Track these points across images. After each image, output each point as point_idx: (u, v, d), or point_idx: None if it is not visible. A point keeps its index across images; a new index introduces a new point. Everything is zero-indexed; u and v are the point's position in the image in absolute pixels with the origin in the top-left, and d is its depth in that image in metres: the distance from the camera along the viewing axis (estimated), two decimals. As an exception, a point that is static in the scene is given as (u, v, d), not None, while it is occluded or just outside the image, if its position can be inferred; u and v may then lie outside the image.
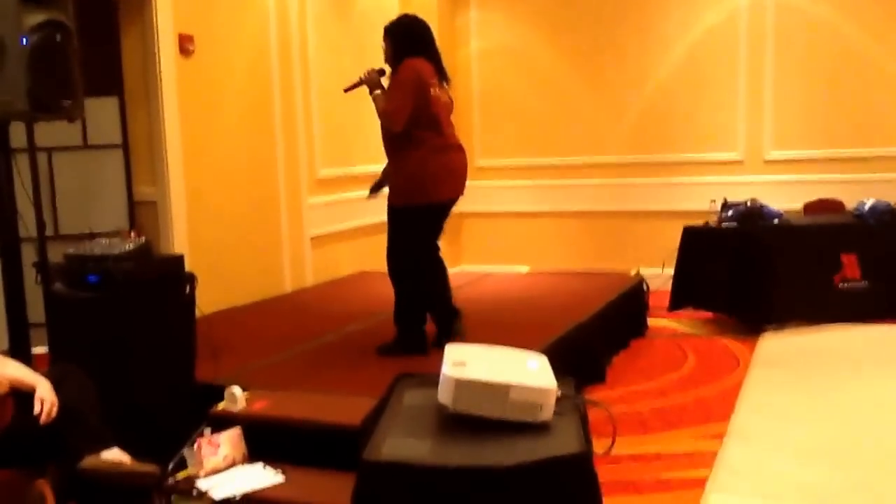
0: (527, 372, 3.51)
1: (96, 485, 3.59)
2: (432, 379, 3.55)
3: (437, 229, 5.76)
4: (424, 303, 5.71)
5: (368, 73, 5.74)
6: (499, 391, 3.30)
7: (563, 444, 3.18)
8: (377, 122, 5.76)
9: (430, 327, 5.74)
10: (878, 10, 8.87)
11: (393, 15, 9.40)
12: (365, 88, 5.74)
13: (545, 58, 10.08)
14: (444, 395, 3.35)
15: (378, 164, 9.15)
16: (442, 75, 5.73)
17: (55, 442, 3.60)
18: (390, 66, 5.69)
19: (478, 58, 10.36)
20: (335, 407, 4.47)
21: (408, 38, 5.69)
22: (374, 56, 9.20)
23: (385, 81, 5.69)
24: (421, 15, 6.93)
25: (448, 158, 5.67)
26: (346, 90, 5.93)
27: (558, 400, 3.42)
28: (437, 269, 5.73)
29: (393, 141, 5.67)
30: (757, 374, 6.36)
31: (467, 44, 10.37)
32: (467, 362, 3.46)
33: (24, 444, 3.55)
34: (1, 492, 3.52)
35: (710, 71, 9.46)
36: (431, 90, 5.54)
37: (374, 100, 5.65)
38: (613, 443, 3.67)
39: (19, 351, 4.56)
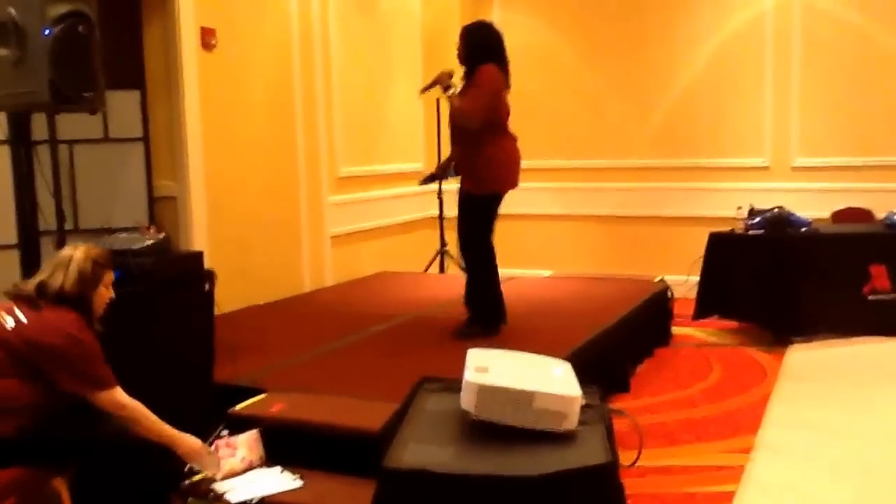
0: (551, 379, 3.49)
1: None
2: (455, 384, 3.54)
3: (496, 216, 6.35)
4: (495, 283, 6.37)
5: (441, 74, 6.29)
6: (522, 399, 3.28)
7: (588, 454, 3.16)
8: (400, 121, 6.27)
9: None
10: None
11: (416, 12, 9.53)
12: (438, 89, 6.36)
13: (569, 59, 10.05)
14: (466, 401, 3.33)
15: (400, 162, 9.23)
16: (507, 81, 6.26)
17: (72, 443, 3.61)
18: (462, 64, 6.25)
19: (501, 58, 10.35)
20: (355, 411, 4.46)
21: (484, 45, 6.22)
22: (397, 52, 9.26)
23: (456, 81, 6.26)
24: (444, 14, 7.20)
25: (512, 154, 6.32)
26: (422, 91, 6.69)
27: (583, 409, 3.40)
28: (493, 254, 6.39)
29: (466, 136, 6.21)
30: (785, 387, 6.29)
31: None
32: (490, 368, 3.44)
33: (41, 443, 3.56)
34: (17, 490, 3.52)
35: (736, 74, 9.39)
36: (504, 96, 6.21)
37: (449, 99, 6.24)
38: (640, 455, 3.64)
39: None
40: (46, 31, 4.42)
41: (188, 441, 3.94)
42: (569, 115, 10.04)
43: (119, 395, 3.73)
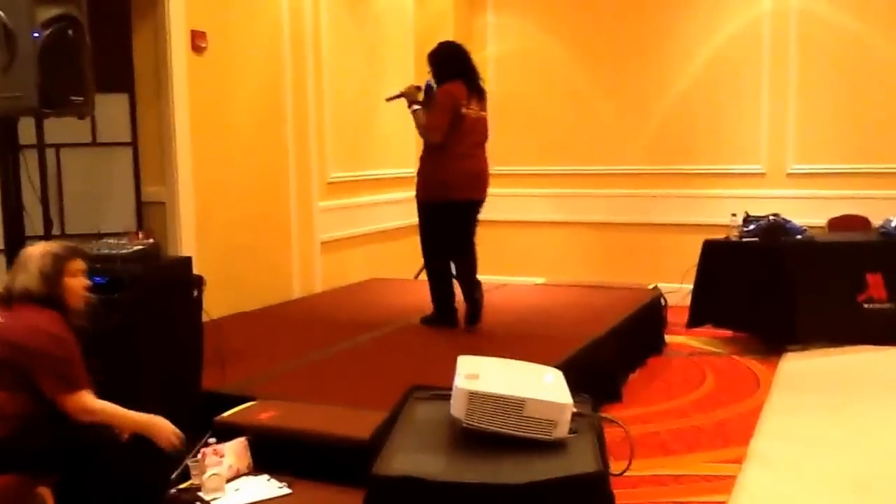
0: (542, 387, 3.51)
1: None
2: (444, 392, 3.57)
3: (456, 224, 6.77)
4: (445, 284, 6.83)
5: (408, 88, 6.84)
6: (513, 405, 3.30)
7: (578, 462, 3.18)
8: (391, 126, 7.23)
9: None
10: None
11: (408, 17, 9.56)
12: (404, 101, 6.82)
13: (563, 63, 10.09)
14: (456, 408, 3.35)
15: (391, 167, 9.25)
16: (478, 94, 6.80)
17: (59, 450, 3.62)
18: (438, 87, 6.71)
19: (494, 62, 10.36)
20: (344, 419, 4.47)
21: (445, 65, 6.74)
22: (389, 57, 9.28)
23: (420, 96, 6.76)
24: (437, 18, 7.40)
25: (462, 165, 6.64)
26: (388, 99, 7.07)
27: (574, 417, 3.42)
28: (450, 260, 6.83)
29: (425, 146, 6.76)
30: (778, 397, 6.32)
31: (483, 48, 10.34)
32: (481, 375, 3.46)
33: (27, 450, 3.57)
34: (2, 497, 3.53)
35: (732, 80, 9.44)
36: (462, 109, 6.57)
37: (413, 114, 6.74)
38: (630, 463, 3.66)
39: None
40: (35, 35, 4.45)
41: (163, 424, 3.90)
42: (563, 121, 10.08)
43: (88, 398, 3.71)
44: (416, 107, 6.71)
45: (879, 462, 5.11)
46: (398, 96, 6.85)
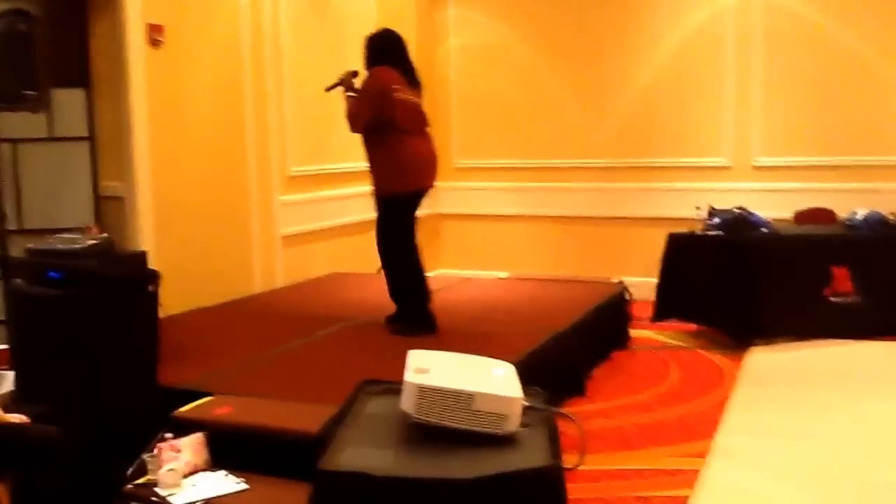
0: (492, 380, 3.55)
1: None
2: (397, 387, 3.59)
3: (411, 215, 6.60)
4: (416, 281, 6.55)
5: (345, 75, 6.61)
6: (462, 399, 3.33)
7: (528, 456, 3.22)
8: None
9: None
10: (871, 11, 8.88)
11: (369, 11, 9.54)
12: (341, 88, 6.61)
13: (525, 56, 10.13)
14: (406, 402, 3.38)
15: (352, 161, 9.26)
16: (411, 81, 6.53)
17: (11, 449, 3.65)
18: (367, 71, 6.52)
19: (456, 55, 10.44)
20: (299, 414, 4.50)
21: (377, 49, 6.56)
22: (350, 52, 9.27)
23: (357, 83, 6.56)
24: (399, 12, 7.35)
25: (415, 155, 6.51)
26: (327, 89, 6.73)
27: (526, 411, 3.47)
28: (414, 253, 6.58)
29: (367, 138, 6.56)
30: (743, 391, 6.40)
31: (445, 41, 10.42)
32: (431, 369, 3.49)
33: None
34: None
35: (696, 72, 9.50)
36: (395, 94, 6.33)
37: (346, 101, 6.55)
38: (582, 458, 3.71)
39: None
40: (-14, 29, 4.49)
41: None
42: (526, 114, 10.13)
43: None
44: (350, 93, 6.54)
45: (844, 455, 5.18)
46: (336, 84, 6.64)
